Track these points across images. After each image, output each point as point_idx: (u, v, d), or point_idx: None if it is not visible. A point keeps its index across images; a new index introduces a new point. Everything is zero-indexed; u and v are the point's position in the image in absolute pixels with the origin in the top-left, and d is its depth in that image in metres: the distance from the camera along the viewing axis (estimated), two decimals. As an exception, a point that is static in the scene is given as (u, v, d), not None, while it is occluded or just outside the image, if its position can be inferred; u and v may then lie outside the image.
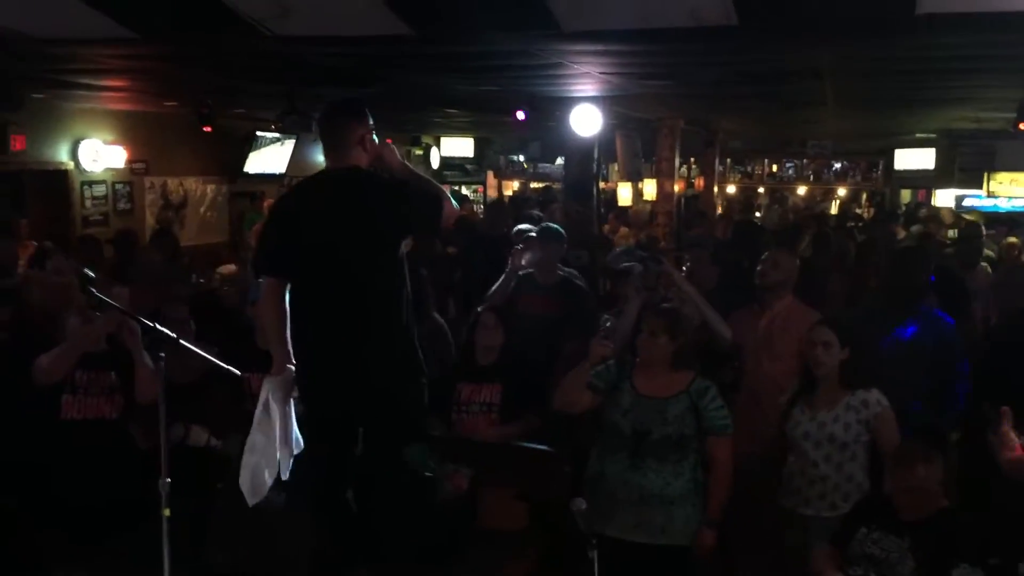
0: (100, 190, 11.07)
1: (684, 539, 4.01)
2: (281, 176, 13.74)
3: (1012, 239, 8.97)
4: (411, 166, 4.00)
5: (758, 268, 5.02)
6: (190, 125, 10.54)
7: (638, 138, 11.67)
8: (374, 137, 3.75)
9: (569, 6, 4.06)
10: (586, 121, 8.05)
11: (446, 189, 3.98)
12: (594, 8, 4.13)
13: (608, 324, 4.63)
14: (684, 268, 5.60)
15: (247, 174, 13.08)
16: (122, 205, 11.40)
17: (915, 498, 3.59)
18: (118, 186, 11.32)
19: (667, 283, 5.08)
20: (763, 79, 6.26)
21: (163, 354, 3.58)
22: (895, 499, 3.65)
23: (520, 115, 8.15)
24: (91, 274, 4.72)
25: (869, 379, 4.16)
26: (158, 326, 3.66)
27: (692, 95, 7.91)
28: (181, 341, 3.70)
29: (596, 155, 9.37)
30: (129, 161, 11.26)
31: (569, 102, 8.10)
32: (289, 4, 4.17)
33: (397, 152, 3.88)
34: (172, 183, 12.19)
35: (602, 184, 11.70)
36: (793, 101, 7.73)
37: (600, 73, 6.26)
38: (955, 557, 3.44)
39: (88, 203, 10.90)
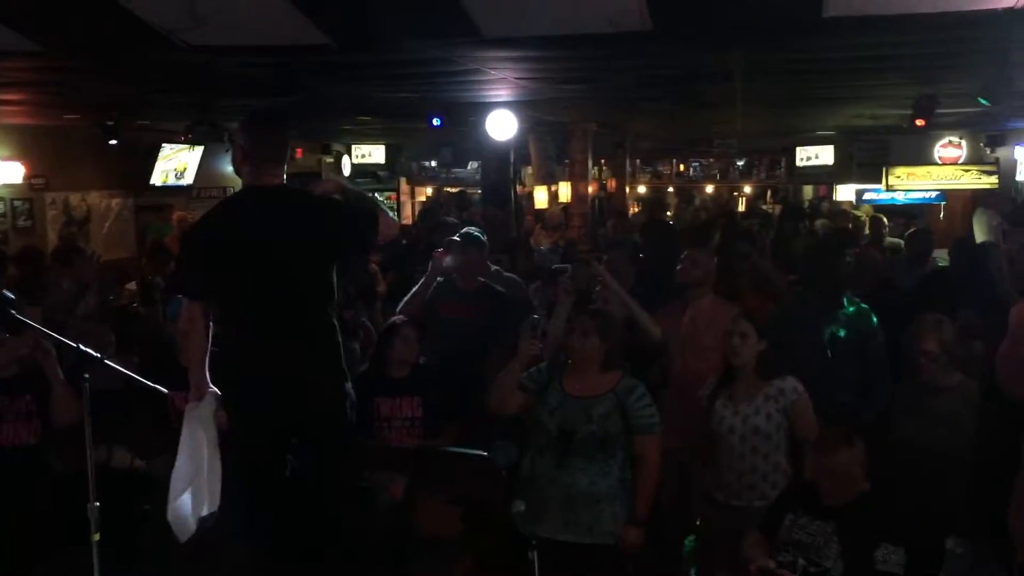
0: (-2, 208, 10.70)
1: (611, 538, 4.03)
2: (188, 188, 13.43)
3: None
4: (341, 179, 3.96)
5: (678, 267, 5.12)
6: (92, 138, 10.22)
7: (551, 141, 11.77)
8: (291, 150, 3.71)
9: (489, 12, 4.08)
10: (502, 126, 8.10)
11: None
12: (513, 14, 4.16)
13: (537, 324, 4.65)
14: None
15: (153, 187, 12.75)
16: (22, 222, 11.01)
17: (838, 482, 3.68)
18: (17, 203, 10.92)
19: (599, 284, 5.14)
20: (676, 82, 6.40)
21: (87, 375, 3.47)
22: (818, 484, 3.75)
23: (435, 121, 8.15)
24: (10, 295, 4.55)
25: (785, 369, 4.29)
26: (81, 346, 3.55)
27: (605, 98, 8.02)
28: (106, 361, 3.59)
29: (512, 159, 9.42)
30: (28, 177, 10.88)
31: (484, 107, 8.13)
32: (202, 14, 4.09)
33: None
34: (74, 198, 11.81)
35: (519, 188, 11.76)
36: (703, 102, 7.91)
37: (516, 78, 6.31)
38: (877, 537, 3.55)
39: (-15, 221, 10.52)
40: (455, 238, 5.95)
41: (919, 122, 7.51)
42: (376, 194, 17.31)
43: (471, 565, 4.38)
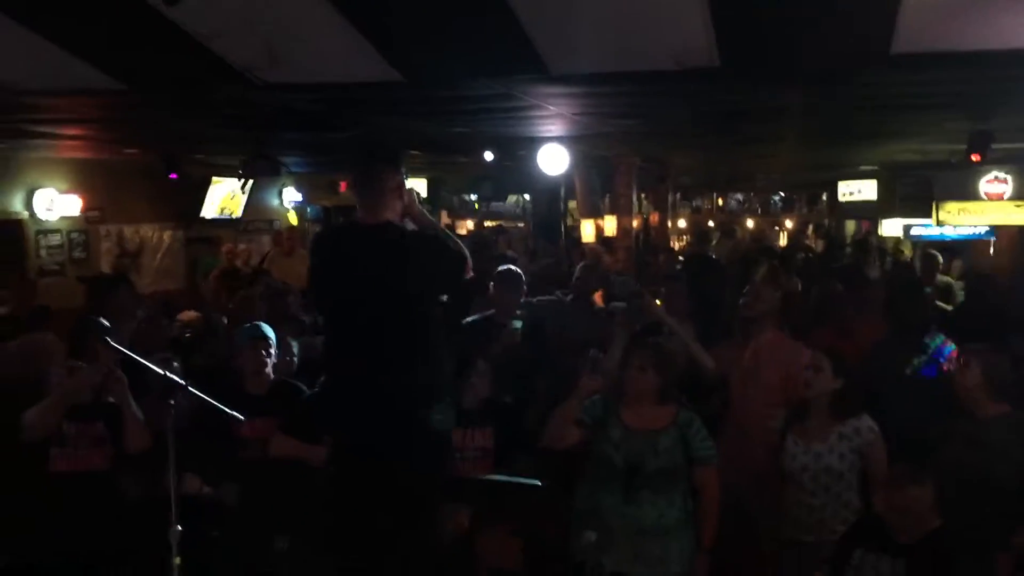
0: (55, 239, 10.94)
1: (680, 568, 4.06)
2: (237, 221, 13.65)
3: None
4: (429, 216, 3.98)
5: (741, 301, 5.13)
6: (145, 171, 10.48)
7: (596, 176, 11.84)
8: (406, 186, 3.73)
9: (558, 49, 4.16)
10: (554, 160, 8.17)
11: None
12: (581, 51, 4.22)
13: (596, 357, 4.68)
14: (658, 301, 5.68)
15: (203, 219, 12.97)
16: (78, 254, 11.25)
17: (907, 520, 3.66)
18: (73, 235, 11.18)
19: (651, 318, 5.16)
20: (731, 118, 6.44)
21: (173, 401, 3.55)
22: (888, 521, 3.72)
23: (488, 156, 8.23)
24: (104, 322, 4.65)
25: (860, 408, 4.27)
26: (168, 373, 3.63)
27: (655, 133, 8.09)
28: (190, 388, 3.67)
29: (563, 194, 9.49)
30: (84, 209, 11.13)
31: (534, 142, 8.21)
32: (278, 52, 4.21)
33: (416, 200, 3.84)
34: (128, 230, 12.05)
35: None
36: (754, 138, 7.94)
37: (572, 114, 6.38)
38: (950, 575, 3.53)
39: (43, 252, 10.76)
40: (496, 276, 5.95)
41: (974, 157, 7.47)
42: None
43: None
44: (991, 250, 13.22)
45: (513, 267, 6.08)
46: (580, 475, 4.36)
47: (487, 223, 18.26)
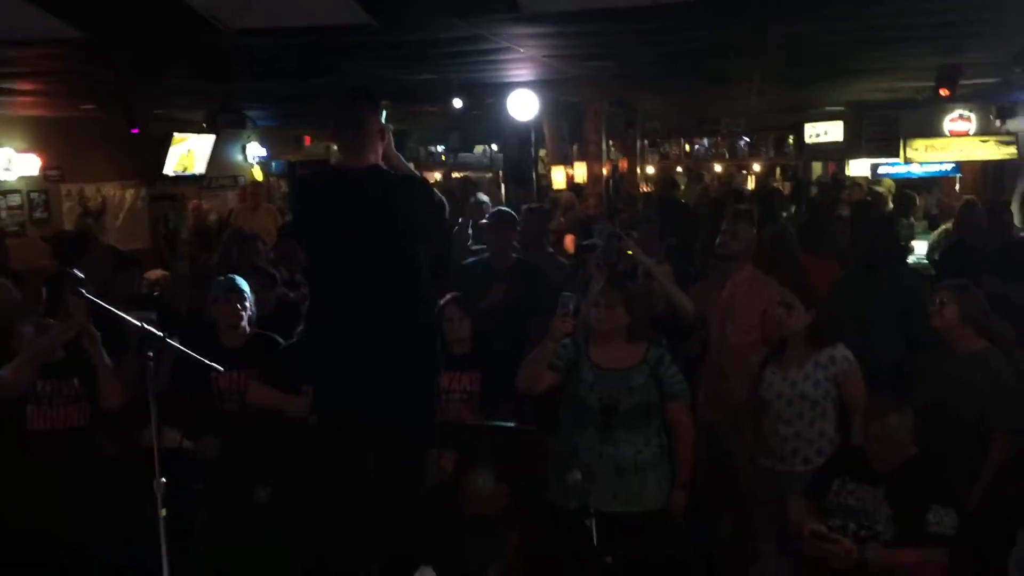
0: (15, 199, 10.75)
1: (657, 503, 4.10)
2: (200, 177, 13.43)
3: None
4: (405, 161, 3.91)
5: (718, 240, 5.13)
6: (105, 129, 10.24)
7: (564, 122, 11.77)
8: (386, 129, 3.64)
9: (531, -11, 4.10)
10: (524, 106, 8.11)
11: None
12: (554, -11, 4.17)
13: (569, 301, 4.67)
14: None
15: (165, 177, 12.75)
16: (38, 214, 11.06)
17: (888, 447, 3.73)
18: (33, 195, 10.98)
19: (628, 258, 5.16)
20: (702, 55, 6.39)
21: (151, 353, 3.50)
22: (868, 449, 3.79)
23: (457, 103, 8.14)
24: (79, 274, 4.56)
25: (835, 337, 4.31)
26: (145, 325, 3.57)
27: (623, 75, 8.01)
28: (168, 340, 3.62)
29: (533, 140, 9.44)
30: (44, 168, 10.91)
31: (503, 88, 8.13)
32: (249, -3, 4.09)
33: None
34: (89, 189, 11.83)
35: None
36: (723, 77, 7.91)
37: (543, 56, 6.31)
38: (928, 500, 3.59)
39: (3, 213, 10.56)
40: (489, 218, 5.96)
41: (943, 92, 7.50)
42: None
43: (519, 542, 4.41)
44: (956, 187, 13.39)
45: (505, 208, 6.08)
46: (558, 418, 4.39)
47: (454, 174, 18.12)
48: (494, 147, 17.00)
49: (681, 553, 4.20)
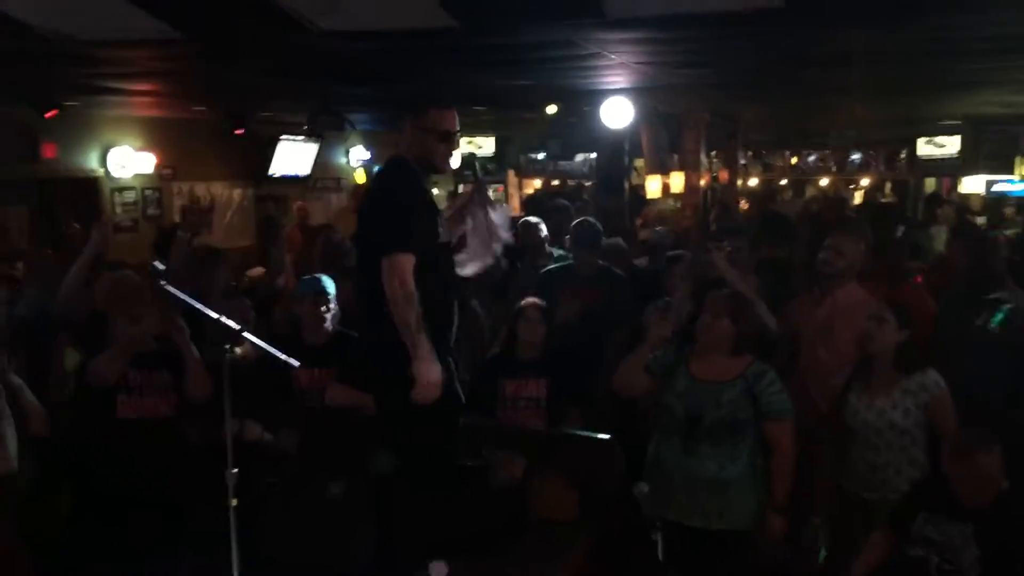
0: (130, 196, 11.17)
1: (743, 524, 3.98)
2: (305, 179, 13.78)
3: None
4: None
5: (820, 255, 4.90)
6: (215, 130, 10.59)
7: (664, 132, 11.64)
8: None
9: (615, -8, 4.06)
10: (617, 114, 8.04)
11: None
12: (638, -7, 4.12)
13: (667, 306, 4.59)
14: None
15: (271, 178, 13.14)
16: (151, 211, 11.48)
17: (975, 488, 3.53)
18: (147, 192, 11.40)
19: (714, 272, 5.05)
20: (796, 65, 6.21)
21: (228, 346, 3.59)
22: (955, 488, 3.58)
23: (550, 109, 8.13)
24: (161, 266, 4.72)
25: (925, 362, 4.11)
26: (223, 319, 3.67)
27: (721, 84, 7.88)
28: (245, 334, 3.70)
29: (627, 148, 9.36)
30: (158, 167, 11.34)
31: (599, 95, 8.09)
32: (336, -1, 4.17)
33: None
34: (199, 188, 12.26)
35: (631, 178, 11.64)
36: (821, 88, 7.69)
37: (636, 63, 6.24)
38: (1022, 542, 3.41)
39: (118, 209, 10.99)
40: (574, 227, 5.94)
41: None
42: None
43: (588, 549, 4.37)
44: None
45: (590, 219, 6.05)
46: (640, 428, 4.33)
47: (554, 182, 18.10)
48: (593, 155, 16.90)
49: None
